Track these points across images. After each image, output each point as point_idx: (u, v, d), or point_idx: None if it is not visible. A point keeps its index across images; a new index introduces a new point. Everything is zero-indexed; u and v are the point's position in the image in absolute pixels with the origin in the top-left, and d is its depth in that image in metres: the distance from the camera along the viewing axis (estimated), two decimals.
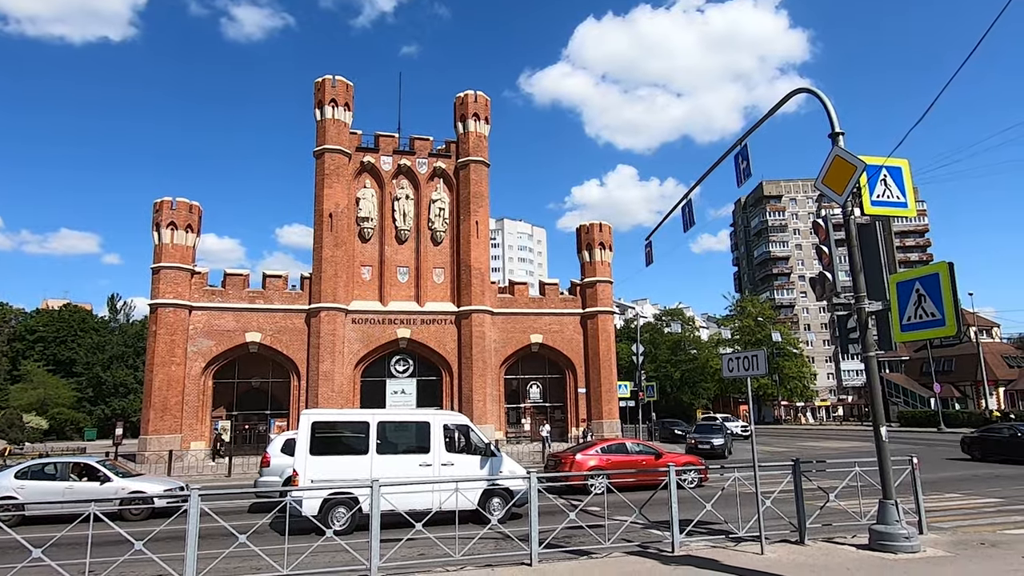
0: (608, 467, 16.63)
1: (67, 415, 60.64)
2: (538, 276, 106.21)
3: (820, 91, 10.13)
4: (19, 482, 14.14)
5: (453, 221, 36.20)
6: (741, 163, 12.58)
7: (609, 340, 36.92)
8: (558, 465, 17.46)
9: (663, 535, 9.78)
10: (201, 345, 31.23)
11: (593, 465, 16.86)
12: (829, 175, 9.59)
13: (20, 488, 13.94)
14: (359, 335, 33.56)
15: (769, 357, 9.55)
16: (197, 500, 7.29)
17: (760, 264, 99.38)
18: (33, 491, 13.93)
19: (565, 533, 9.55)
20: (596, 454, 17.52)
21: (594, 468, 16.54)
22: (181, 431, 30.06)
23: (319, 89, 34.93)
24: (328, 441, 12.76)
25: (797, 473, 9.74)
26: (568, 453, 18.22)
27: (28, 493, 13.86)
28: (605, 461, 17.14)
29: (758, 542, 9.15)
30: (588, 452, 17.68)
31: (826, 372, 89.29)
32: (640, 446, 18.76)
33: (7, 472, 14.68)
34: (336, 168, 34.04)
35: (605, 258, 37.77)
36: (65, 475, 14.70)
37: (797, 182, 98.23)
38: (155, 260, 31.02)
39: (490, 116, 37.39)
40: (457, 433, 13.67)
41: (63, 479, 14.56)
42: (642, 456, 17.73)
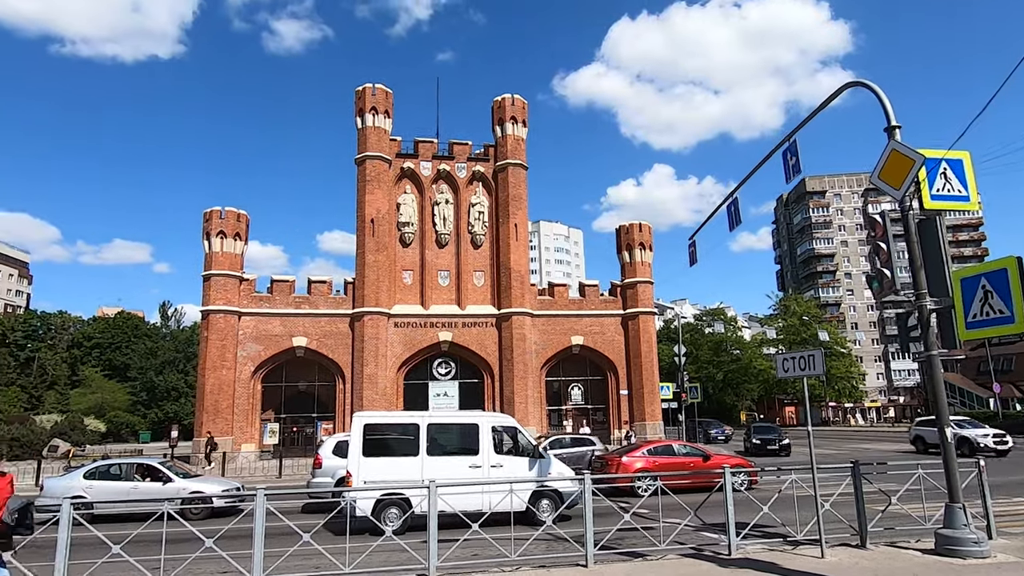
0: (655, 469, 16.49)
1: (123, 418, 63.09)
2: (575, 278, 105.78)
3: (874, 84, 9.87)
4: (87, 482, 14.80)
5: (492, 224, 36.41)
6: (790, 159, 12.35)
7: (651, 341, 36.57)
8: (604, 467, 17.41)
9: (718, 538, 9.66)
10: (250, 350, 32.12)
11: (640, 467, 16.74)
12: (886, 170, 9.33)
13: (89, 488, 14.58)
14: (401, 338, 34.01)
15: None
16: (263, 500, 7.54)
17: (804, 262, 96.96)
18: (101, 491, 14.55)
19: (617, 535, 9.52)
20: (643, 456, 17.42)
21: (641, 470, 16.44)
22: (232, 433, 30.96)
23: (359, 97, 35.58)
24: (380, 443, 12.99)
25: (857, 475, 9.51)
26: (614, 455, 18.17)
27: (96, 493, 14.48)
28: (652, 463, 17.01)
29: (817, 546, 8.96)
30: (634, 454, 17.59)
31: (875, 372, 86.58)
32: (688, 448, 18.58)
33: (76, 473, 15.40)
34: (377, 174, 34.62)
35: (645, 258, 37.43)
36: (130, 476, 15.35)
37: (842, 177, 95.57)
38: (206, 268, 32.05)
39: (527, 119, 37.52)
40: (505, 435, 13.76)
41: (128, 479, 15.21)
42: (690, 458, 17.55)
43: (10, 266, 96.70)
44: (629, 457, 17.39)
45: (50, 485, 14.83)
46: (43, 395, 65.26)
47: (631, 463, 17.00)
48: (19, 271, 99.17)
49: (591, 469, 18.53)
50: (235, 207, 33.08)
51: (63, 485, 14.66)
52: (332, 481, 15.78)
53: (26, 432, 37.42)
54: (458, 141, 36.98)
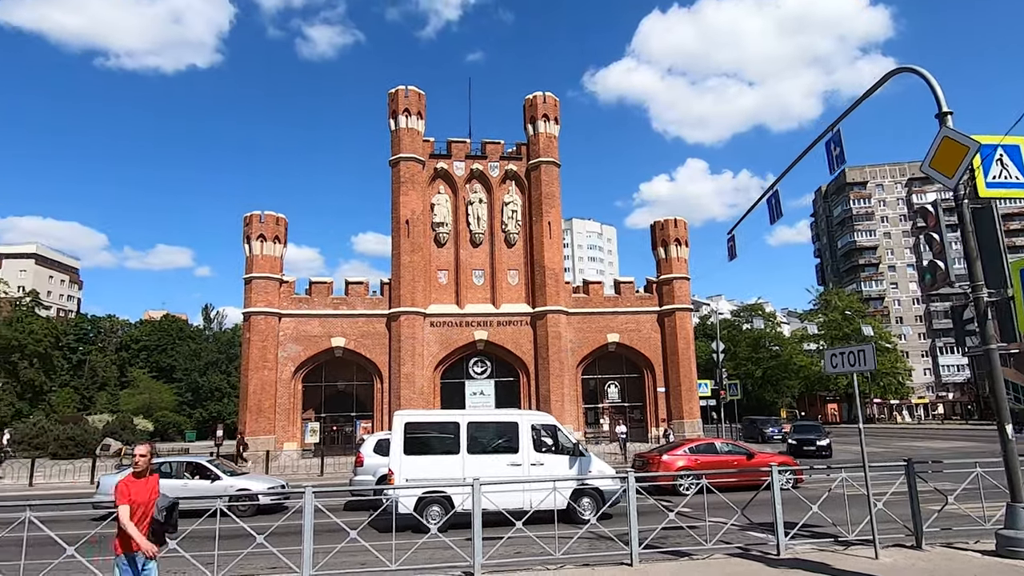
0: (697, 467, 16.29)
1: (170, 418, 65.02)
2: (609, 275, 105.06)
3: (923, 69, 9.54)
4: None
5: (526, 222, 36.41)
6: (834, 150, 12.03)
7: (688, 338, 36.10)
8: (646, 465, 17.27)
9: (765, 538, 9.49)
10: (290, 350, 32.76)
11: (682, 466, 16.58)
12: (937, 157, 9.00)
13: None
14: (437, 338, 34.27)
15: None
16: (312, 498, 7.69)
17: (845, 255, 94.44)
18: None
19: (661, 534, 9.41)
20: (684, 454, 17.24)
21: (682, 468, 16.27)
22: (275, 432, 31.64)
23: (392, 100, 35.95)
24: (421, 441, 13.12)
25: (911, 473, 9.22)
26: (655, 453, 18.03)
27: None
28: (694, 461, 16.82)
29: (869, 546, 8.73)
30: (676, 452, 17.43)
31: (923, 368, 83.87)
32: (730, 446, 18.35)
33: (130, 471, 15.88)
34: (411, 176, 34.94)
35: (681, 254, 36.95)
36: (180, 474, 15.79)
37: (884, 167, 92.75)
38: (247, 271, 32.80)
39: (559, 116, 37.40)
40: (545, 433, 13.74)
41: (178, 477, 15.61)
42: (733, 456, 17.35)
43: (62, 272, 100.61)
44: (670, 455, 17.24)
45: (106, 482, 15.34)
46: (94, 396, 67.68)
47: (672, 461, 16.87)
48: (70, 277, 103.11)
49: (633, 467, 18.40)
50: (273, 211, 33.82)
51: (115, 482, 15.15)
52: (373, 479, 15.99)
53: (80, 431, 38.85)
54: (490, 140, 37.07)
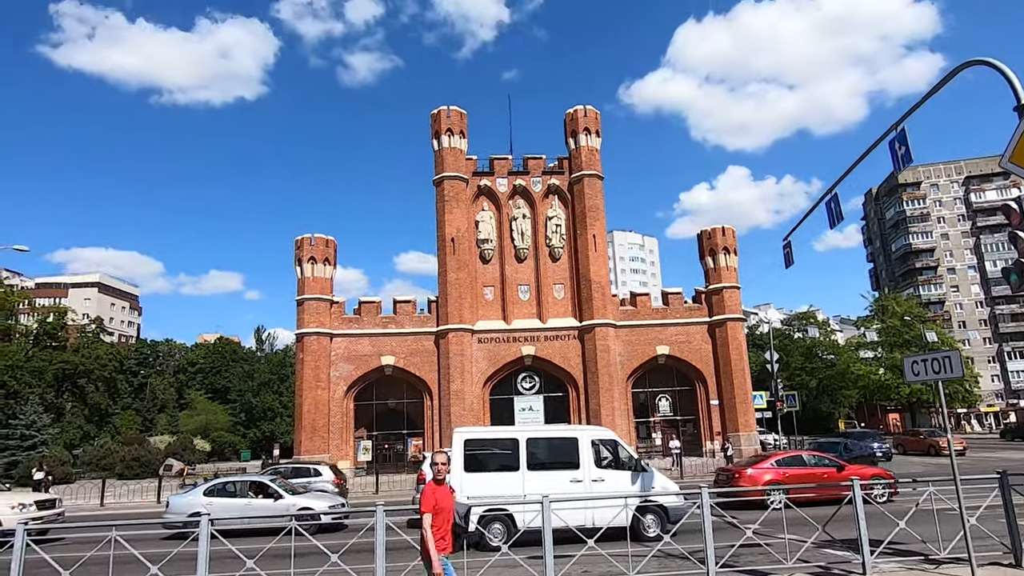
0: (785, 481, 15.84)
1: (226, 438, 66.72)
2: (652, 286, 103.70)
3: (998, 61, 9.12)
4: (207, 499, 15.64)
5: (570, 236, 36.32)
6: (899, 149, 11.58)
7: (740, 348, 35.23)
8: (731, 479, 16.94)
9: (849, 555, 9.06)
10: (342, 370, 33.30)
11: (769, 479, 16.16)
12: (1018, 152, 8.54)
13: (209, 504, 15.30)
14: (485, 354, 34.32)
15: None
16: (383, 516, 7.69)
17: (900, 258, 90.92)
18: (219, 507, 15.31)
19: (738, 552, 9.08)
20: (771, 467, 16.82)
21: (770, 482, 15.86)
22: (329, 451, 32.07)
23: (435, 120, 36.51)
24: (481, 458, 13.06)
25: (1005, 487, 8.68)
26: (740, 467, 17.72)
27: (215, 509, 15.22)
28: (781, 475, 16.39)
29: (963, 564, 8.22)
30: (762, 466, 17.04)
31: (989, 374, 79.66)
32: (817, 458, 17.86)
33: (197, 490, 16.36)
34: (455, 194, 35.32)
35: (730, 263, 36.20)
36: (244, 493, 16.09)
37: (938, 166, 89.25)
38: (299, 292, 33.59)
39: (600, 129, 37.34)
40: (604, 448, 13.50)
41: (242, 496, 15.96)
42: (822, 469, 16.87)
43: (123, 299, 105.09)
44: (756, 469, 16.86)
45: (174, 502, 15.80)
46: (155, 418, 70.07)
47: (759, 475, 16.46)
48: (130, 304, 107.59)
49: (715, 482, 18.01)
50: (322, 234, 34.59)
51: (186, 502, 15.61)
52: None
53: (144, 452, 40.24)
54: (532, 156, 37.23)
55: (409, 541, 8.08)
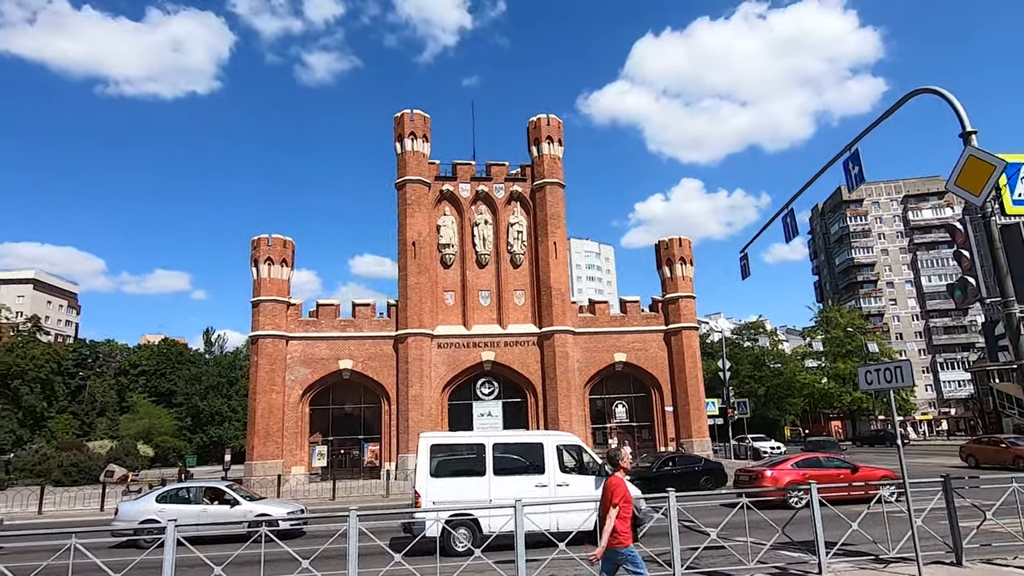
0: (804, 481, 16.58)
1: (170, 443, 64.31)
2: (608, 294, 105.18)
3: (944, 90, 9.74)
4: (160, 506, 15.10)
5: (531, 243, 36.59)
6: (852, 168, 12.25)
7: (695, 356, 36.11)
8: (752, 480, 17.77)
9: (805, 557, 9.46)
10: (298, 373, 32.65)
11: (790, 480, 17.02)
12: (963, 176, 9.14)
13: (161, 511, 14.78)
14: (445, 359, 34.21)
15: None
16: (356, 520, 7.64)
17: (843, 272, 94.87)
18: (172, 514, 14.77)
19: (702, 554, 9.35)
20: (791, 469, 17.78)
21: (791, 483, 16.67)
22: (283, 456, 31.37)
23: (398, 123, 36.30)
24: (447, 463, 13.06)
25: (948, 490, 9.23)
26: (762, 468, 18.63)
27: (169, 516, 14.72)
28: (801, 475, 17.19)
29: (910, 563, 8.70)
30: (783, 467, 18.01)
31: (924, 384, 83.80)
32: (835, 460, 18.88)
33: (149, 496, 15.79)
34: (417, 198, 35.16)
35: (686, 273, 37.12)
36: (199, 499, 15.63)
37: (879, 184, 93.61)
38: (254, 294, 32.79)
39: (563, 138, 37.81)
40: (569, 453, 13.70)
41: (198, 503, 15.51)
42: (837, 470, 17.81)
43: (60, 297, 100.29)
44: (777, 470, 17.75)
45: (124, 509, 15.25)
46: (94, 422, 67.00)
47: (781, 476, 17.36)
48: (68, 302, 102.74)
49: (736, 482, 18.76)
50: (280, 234, 33.85)
51: (137, 509, 15.07)
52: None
53: (83, 458, 38.48)
54: (495, 162, 37.39)
55: (382, 547, 8.06)
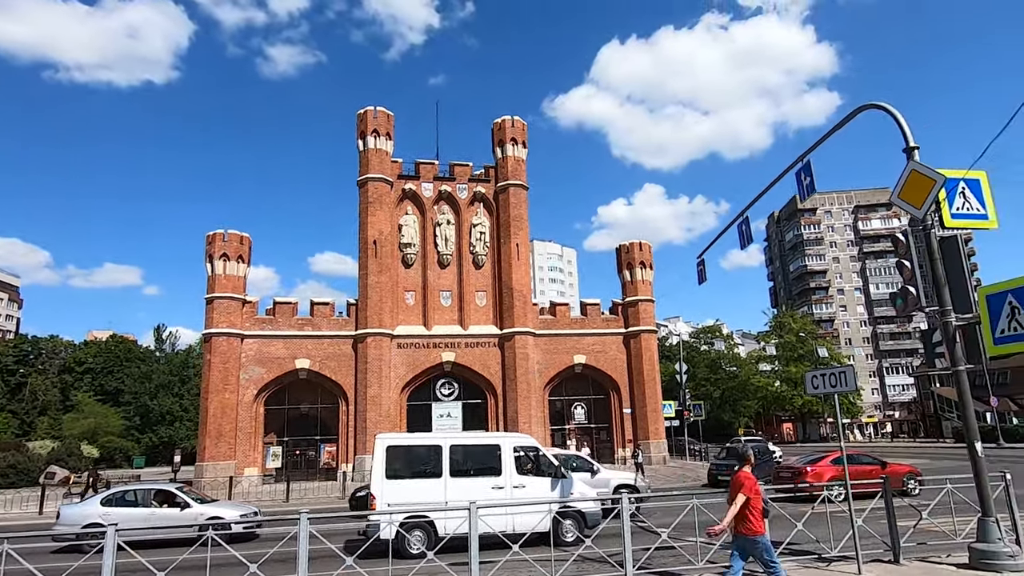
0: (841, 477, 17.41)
1: (116, 443, 62.10)
2: (569, 296, 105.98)
3: (890, 106, 10.15)
4: (105, 509, 14.52)
5: (494, 244, 36.61)
6: (804, 179, 12.65)
7: (653, 359, 36.69)
8: (795, 476, 18.54)
9: None
10: (253, 373, 31.93)
11: (831, 476, 17.94)
12: (906, 189, 9.56)
13: (106, 515, 14.25)
14: (405, 359, 33.94)
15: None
16: (307, 523, 7.51)
17: (797, 278, 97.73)
18: (119, 517, 14.19)
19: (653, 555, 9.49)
20: (829, 465, 18.78)
21: (832, 478, 17.51)
22: (235, 457, 30.63)
23: (361, 120, 35.87)
24: (402, 465, 12.94)
25: (887, 491, 9.59)
26: (803, 465, 19.56)
27: (114, 520, 14.21)
28: (839, 471, 17.92)
29: (851, 562, 9.02)
30: (822, 464, 19.04)
31: (870, 388, 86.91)
32: (868, 458, 20.04)
33: (93, 500, 15.18)
34: (379, 196, 34.80)
35: (646, 277, 37.69)
36: (147, 502, 15.13)
37: (832, 194, 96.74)
38: (208, 290, 31.94)
39: (527, 140, 37.95)
40: (526, 455, 13.74)
41: (145, 506, 15.00)
42: (870, 466, 18.93)
43: (1, 291, 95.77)
44: (819, 467, 18.76)
45: (67, 512, 14.64)
46: (35, 421, 64.28)
47: (823, 471, 18.48)
48: (9, 295, 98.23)
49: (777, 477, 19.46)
50: (236, 229, 33.06)
51: (80, 512, 14.49)
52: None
53: (22, 459, 36.82)
54: (459, 163, 37.30)
55: (334, 550, 7.95)
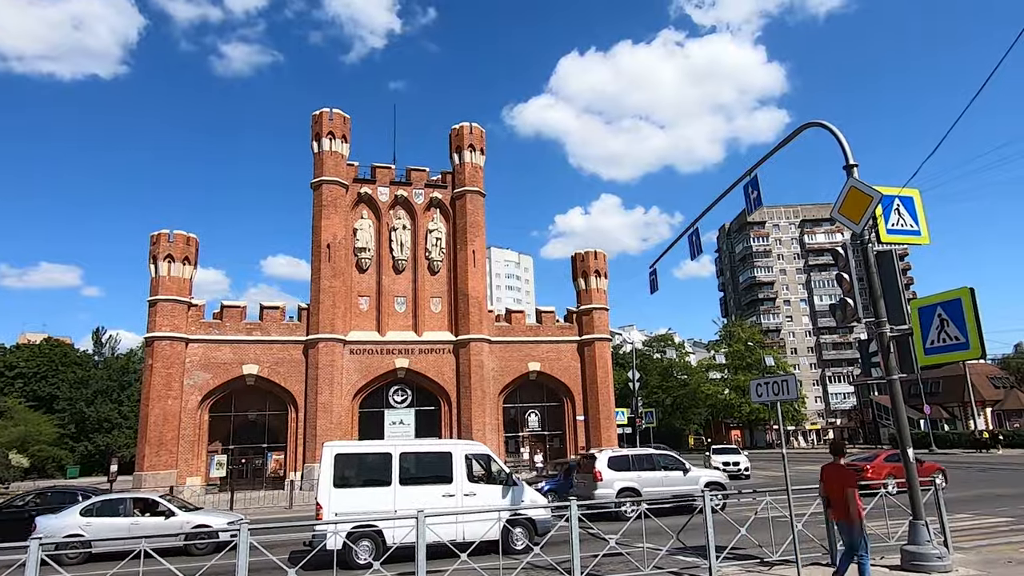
0: (896, 472, 18.47)
1: (48, 452, 59.02)
2: (526, 304, 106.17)
3: (832, 125, 10.56)
4: (85, 519, 14.13)
5: (450, 250, 36.45)
6: (751, 193, 13.03)
7: (607, 367, 37.09)
8: (859, 472, 19.53)
9: (698, 561, 9.86)
10: (198, 378, 30.87)
11: (887, 471, 20.00)
12: (845, 205, 9.96)
13: (87, 525, 13.91)
14: (357, 366, 33.40)
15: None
16: (247, 534, 7.27)
17: (746, 289, 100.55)
18: (100, 528, 13.83)
19: (601, 561, 9.56)
20: (884, 463, 21.07)
21: (888, 473, 19.66)
22: (177, 466, 29.51)
23: (316, 122, 35.28)
24: (351, 473, 12.70)
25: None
26: (864, 462, 21.34)
27: (95, 530, 13.78)
28: (892, 468, 20.02)
29: (791, 566, 9.26)
30: (878, 461, 21.39)
31: (814, 396, 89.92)
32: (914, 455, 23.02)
33: (72, 510, 14.59)
34: (334, 199, 34.24)
35: (600, 285, 38.12)
36: (129, 511, 14.65)
37: (779, 208, 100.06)
38: (152, 292, 30.79)
39: (485, 147, 37.99)
40: (477, 463, 13.67)
41: (127, 515, 14.51)
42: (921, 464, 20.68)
43: None
44: (878, 463, 21.16)
45: (44, 524, 14.04)
46: None
47: (880, 468, 20.67)
48: None
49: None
50: (183, 230, 32.00)
51: (58, 524, 13.99)
52: (613, 493, 16.91)
53: None
54: (416, 168, 37.05)
55: (276, 562, 7.71)
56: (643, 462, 18.34)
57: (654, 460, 18.55)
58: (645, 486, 17.43)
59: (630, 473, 17.79)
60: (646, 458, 18.66)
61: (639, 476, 17.75)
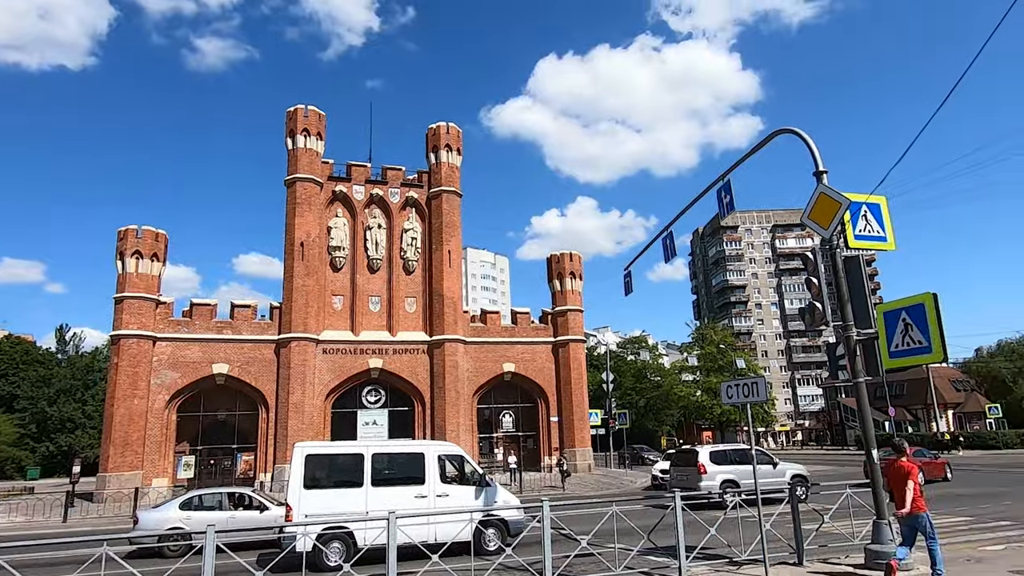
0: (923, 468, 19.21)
1: (7, 453, 57.39)
2: (501, 304, 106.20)
3: (803, 132, 10.76)
4: (184, 513, 14.67)
5: (425, 250, 36.28)
6: (724, 197, 13.21)
7: (581, 368, 37.26)
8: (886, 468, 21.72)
9: (668, 561, 9.95)
10: (165, 377, 30.25)
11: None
12: (815, 211, 10.15)
13: (187, 519, 14.41)
14: (330, 365, 33.05)
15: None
16: (214, 536, 7.10)
17: (719, 292, 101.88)
18: (199, 521, 14.09)
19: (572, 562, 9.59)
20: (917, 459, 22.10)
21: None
22: (143, 467, 28.88)
23: (291, 118, 34.85)
24: (323, 474, 12.55)
25: (794, 497, 10.08)
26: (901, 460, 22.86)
27: (194, 523, 14.10)
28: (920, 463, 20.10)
29: (759, 565, 9.40)
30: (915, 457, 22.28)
31: (783, 398, 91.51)
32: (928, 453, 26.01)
33: (172, 504, 15.22)
34: (308, 197, 33.85)
35: (575, 287, 38.29)
36: (224, 506, 15.16)
37: (752, 213, 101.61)
38: (118, 290, 30.08)
39: (462, 147, 37.90)
40: (450, 464, 13.63)
41: (224, 509, 15.01)
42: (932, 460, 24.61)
43: None
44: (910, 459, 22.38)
45: (145, 517, 14.74)
46: None
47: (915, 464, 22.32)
48: None
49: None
50: (152, 225, 31.29)
51: (159, 517, 14.57)
52: (716, 484, 17.76)
53: None
54: (392, 166, 36.81)
55: (243, 564, 7.58)
56: (738, 456, 19.91)
57: (746, 455, 19.51)
58: (742, 478, 18.66)
59: (729, 466, 19.35)
60: (740, 452, 20.24)
61: (736, 469, 19.19)
